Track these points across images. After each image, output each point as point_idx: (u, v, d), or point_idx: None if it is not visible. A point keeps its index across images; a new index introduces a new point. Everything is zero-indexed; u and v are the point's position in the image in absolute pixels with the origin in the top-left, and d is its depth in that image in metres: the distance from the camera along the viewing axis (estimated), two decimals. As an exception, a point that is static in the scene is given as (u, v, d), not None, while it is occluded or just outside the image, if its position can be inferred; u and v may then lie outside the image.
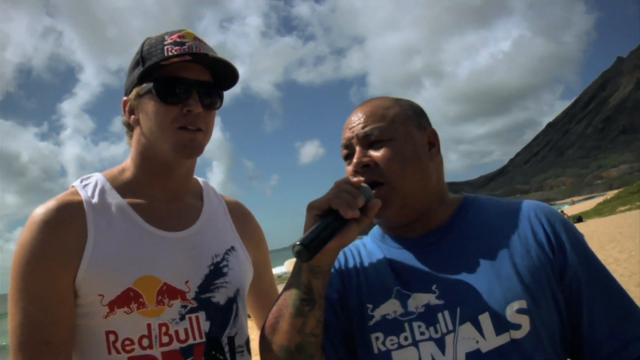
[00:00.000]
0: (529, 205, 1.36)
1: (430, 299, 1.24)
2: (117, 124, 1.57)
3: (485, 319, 1.18)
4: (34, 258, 1.31)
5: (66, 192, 1.45)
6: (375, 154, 1.33)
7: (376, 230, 1.51)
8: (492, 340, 1.17)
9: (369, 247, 1.48)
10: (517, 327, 1.17)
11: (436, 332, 1.21)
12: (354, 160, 1.34)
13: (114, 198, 1.45)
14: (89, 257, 1.33)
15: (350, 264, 1.44)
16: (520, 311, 1.18)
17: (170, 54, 1.39)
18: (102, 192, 1.46)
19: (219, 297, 1.47)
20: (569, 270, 1.23)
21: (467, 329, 1.19)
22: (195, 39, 1.45)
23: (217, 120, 1.44)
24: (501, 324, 1.17)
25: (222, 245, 1.55)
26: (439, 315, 1.22)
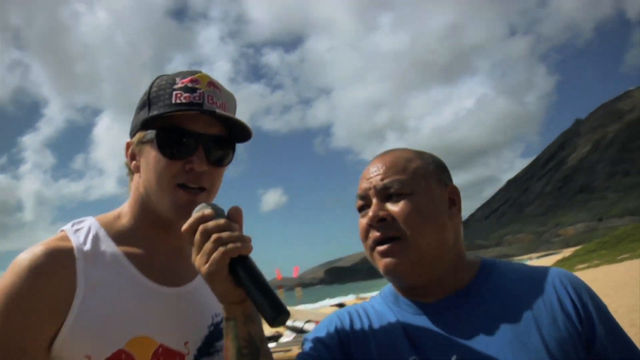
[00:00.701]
0: (554, 272, 1.31)
1: None
2: (79, 161, 0.92)
3: None
4: (14, 306, 1.16)
5: (55, 237, 1.31)
6: (393, 208, 1.26)
7: (388, 290, 1.42)
8: None
9: (378, 308, 1.38)
10: None
11: None
12: (370, 213, 1.27)
13: (109, 246, 1.31)
14: (76, 312, 1.19)
15: (357, 326, 1.34)
16: None
17: (178, 100, 1.27)
18: (96, 239, 1.31)
19: None
20: (597, 342, 1.19)
21: None
22: (210, 84, 1.32)
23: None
24: None
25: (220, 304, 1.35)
26: None
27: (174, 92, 1.28)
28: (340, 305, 16.07)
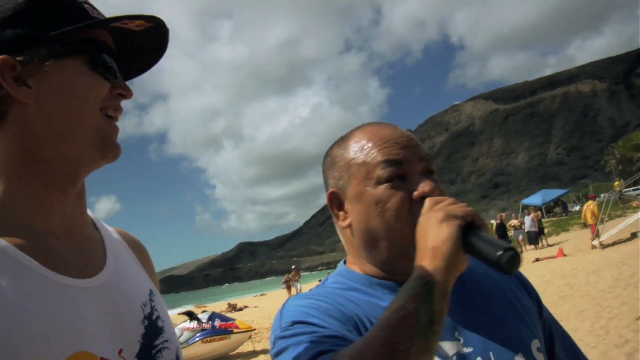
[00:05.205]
0: None
1: (459, 347, 1.13)
2: None
3: None
4: None
5: None
6: (438, 186, 1.15)
7: (356, 275, 1.23)
8: None
9: (355, 295, 1.19)
10: None
11: None
12: (429, 187, 1.11)
13: None
14: None
15: (352, 312, 1.13)
16: (539, 350, 1.19)
17: (95, 15, 0.98)
18: None
19: None
20: (543, 311, 1.32)
21: None
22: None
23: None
24: None
25: (143, 289, 1.06)
26: None
27: (85, 6, 0.99)
28: (189, 313, 12.60)
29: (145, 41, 1.04)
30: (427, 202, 1.03)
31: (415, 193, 1.11)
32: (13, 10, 0.93)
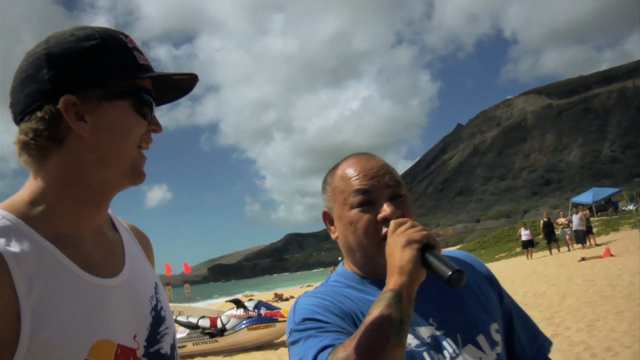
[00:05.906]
0: (465, 254, 1.67)
1: (432, 331, 1.40)
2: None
3: (481, 339, 1.41)
4: None
5: None
6: (400, 207, 1.42)
7: (349, 276, 1.52)
8: (490, 355, 1.41)
9: (351, 292, 1.48)
10: (498, 344, 1.43)
11: (444, 357, 1.37)
12: (389, 210, 1.39)
13: (36, 242, 1.05)
14: (29, 330, 0.95)
15: (349, 308, 1.42)
16: (497, 331, 1.45)
17: (142, 62, 1.17)
18: (20, 235, 1.03)
19: (165, 346, 1.23)
20: (504, 299, 1.58)
21: (470, 349, 1.39)
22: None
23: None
24: (492, 342, 1.42)
25: (151, 283, 1.28)
26: (444, 343, 1.39)
27: (135, 53, 1.17)
28: (236, 301, 13.29)
29: (177, 82, 1.24)
30: (392, 224, 1.28)
31: (379, 216, 1.39)
32: (78, 52, 1.11)
